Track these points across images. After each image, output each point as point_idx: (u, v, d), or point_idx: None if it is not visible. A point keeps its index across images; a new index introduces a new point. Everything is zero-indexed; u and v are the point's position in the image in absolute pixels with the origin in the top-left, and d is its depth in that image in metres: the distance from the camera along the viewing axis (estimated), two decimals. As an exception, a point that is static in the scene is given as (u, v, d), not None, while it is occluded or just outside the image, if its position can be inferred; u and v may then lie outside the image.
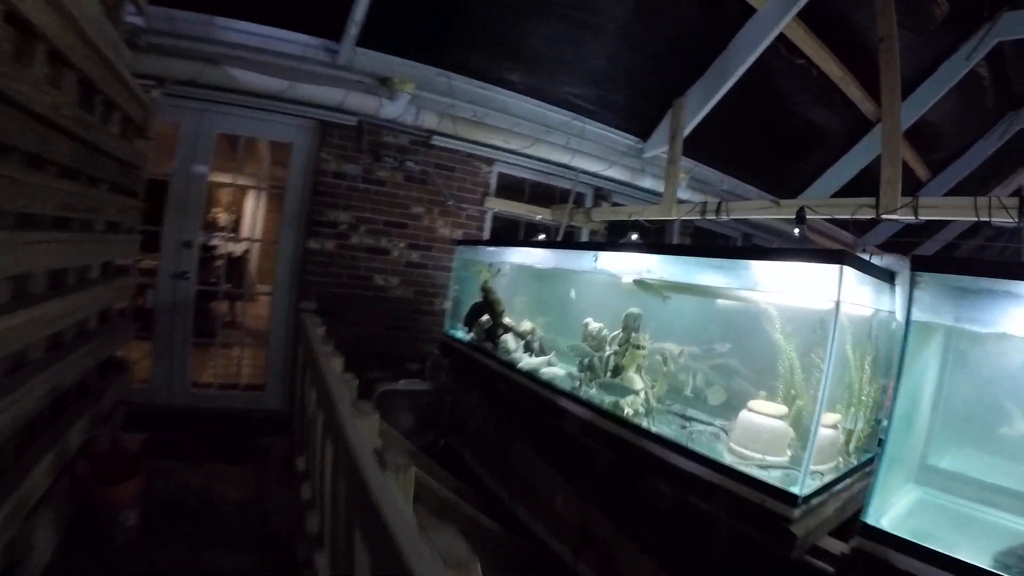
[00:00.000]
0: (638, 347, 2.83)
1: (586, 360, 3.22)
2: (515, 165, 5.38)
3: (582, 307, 3.67)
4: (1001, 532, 1.79)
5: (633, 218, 5.28)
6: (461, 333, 4.31)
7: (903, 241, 6.77)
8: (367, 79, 4.12)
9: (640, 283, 2.79)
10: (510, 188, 5.44)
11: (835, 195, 5.73)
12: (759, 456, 2.22)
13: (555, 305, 4.17)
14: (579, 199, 5.67)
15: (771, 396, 2.45)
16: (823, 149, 5.86)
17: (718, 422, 2.45)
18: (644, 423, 2.47)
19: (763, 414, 2.29)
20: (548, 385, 3.10)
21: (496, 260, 4.48)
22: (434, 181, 4.80)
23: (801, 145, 5.79)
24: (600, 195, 6.11)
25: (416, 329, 4.82)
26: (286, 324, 4.36)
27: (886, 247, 6.98)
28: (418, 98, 4.14)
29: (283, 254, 4.37)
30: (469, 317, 4.41)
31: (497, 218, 5.41)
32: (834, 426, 2.27)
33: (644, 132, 5.16)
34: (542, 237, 5.58)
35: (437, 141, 4.73)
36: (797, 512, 1.89)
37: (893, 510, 1.88)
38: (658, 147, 5.09)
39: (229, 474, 3.12)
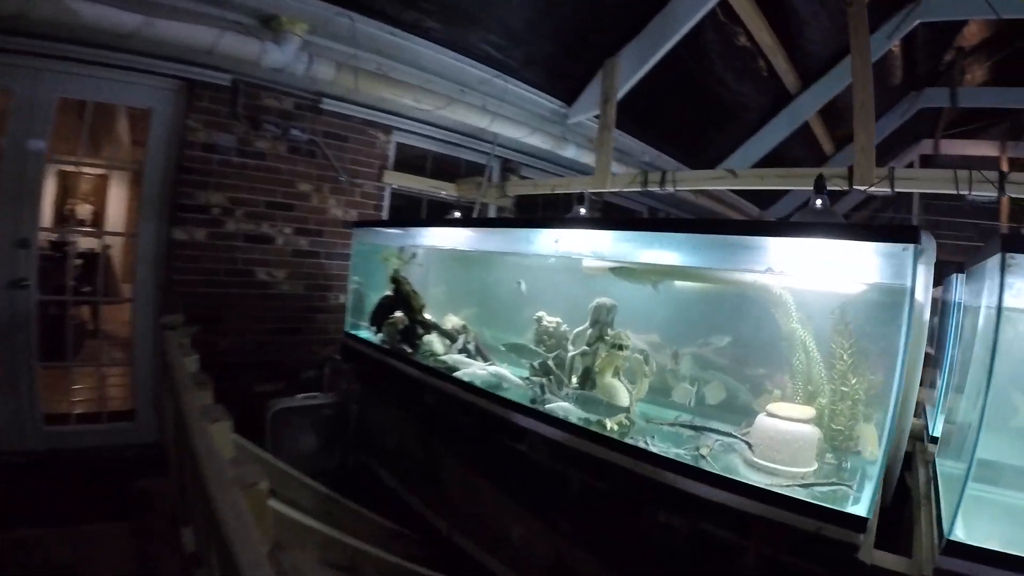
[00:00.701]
0: (618, 346, 2.48)
1: (539, 363, 2.81)
2: (417, 135, 5.15)
3: (525, 297, 3.25)
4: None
5: (558, 190, 4.98)
6: (367, 333, 3.92)
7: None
8: (247, 18, 3.38)
9: (622, 270, 2.43)
10: (409, 162, 5.17)
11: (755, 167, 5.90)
12: (790, 469, 1.98)
13: (488, 296, 3.74)
14: (483, 173, 5.38)
15: (785, 395, 2.23)
16: (742, 122, 6.00)
17: (736, 430, 2.18)
18: (642, 442, 2.12)
19: (787, 418, 2.05)
20: (499, 399, 2.65)
21: (408, 244, 3.92)
22: (324, 153, 4.42)
23: (723, 116, 5.86)
24: (508, 168, 5.78)
25: (311, 331, 4.44)
26: (152, 335, 3.88)
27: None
28: (311, 44, 3.47)
29: (144, 249, 3.86)
30: (377, 314, 3.85)
31: (396, 196, 5.12)
32: (810, 420, 2.07)
33: (570, 96, 4.86)
34: (456, 215, 5.11)
35: (328, 105, 4.36)
36: (863, 537, 1.65)
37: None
38: (584, 112, 4.82)
39: (103, 537, 2.63)
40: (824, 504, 1.72)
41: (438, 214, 5.58)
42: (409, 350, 3.42)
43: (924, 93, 6.25)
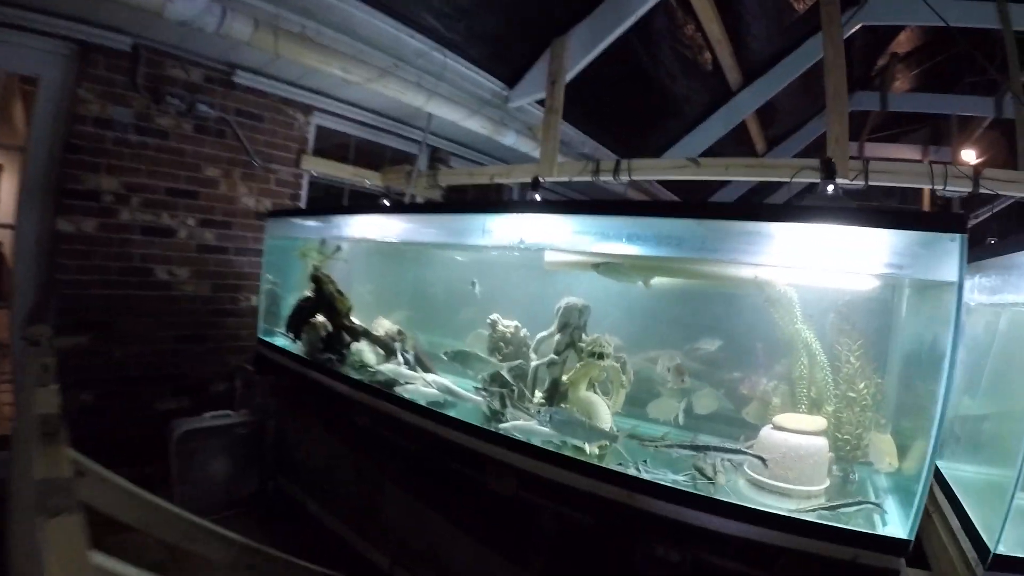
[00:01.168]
0: (598, 354, 2.22)
1: (492, 376, 2.51)
2: (340, 117, 4.81)
3: (474, 298, 2.95)
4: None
5: (498, 179, 4.72)
6: (284, 340, 3.55)
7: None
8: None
9: (608, 266, 2.19)
10: (331, 149, 4.88)
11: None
12: (804, 488, 1.81)
13: (425, 296, 3.41)
14: (412, 161, 5.05)
15: (787, 404, 2.08)
16: (683, 116, 6.01)
17: (745, 445, 1.98)
18: (633, 468, 1.87)
19: (798, 431, 1.89)
20: (453, 421, 2.33)
21: (331, 236, 3.52)
22: (236, 133, 4.05)
23: (665, 109, 5.84)
24: (437, 158, 5.48)
25: (219, 338, 4.08)
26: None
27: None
28: (226, -5, 3.03)
29: (25, 242, 3.41)
30: (295, 319, 3.46)
31: (315, 186, 4.79)
32: (822, 432, 1.93)
33: (512, 77, 4.61)
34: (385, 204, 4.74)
35: (243, 79, 4.00)
36: (903, 562, 1.52)
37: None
38: (527, 95, 4.60)
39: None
40: (862, 530, 1.57)
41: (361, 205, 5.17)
42: (335, 361, 3.12)
43: (855, 96, 6.58)
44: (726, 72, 5.35)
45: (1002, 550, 1.47)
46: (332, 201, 5.09)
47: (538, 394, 2.47)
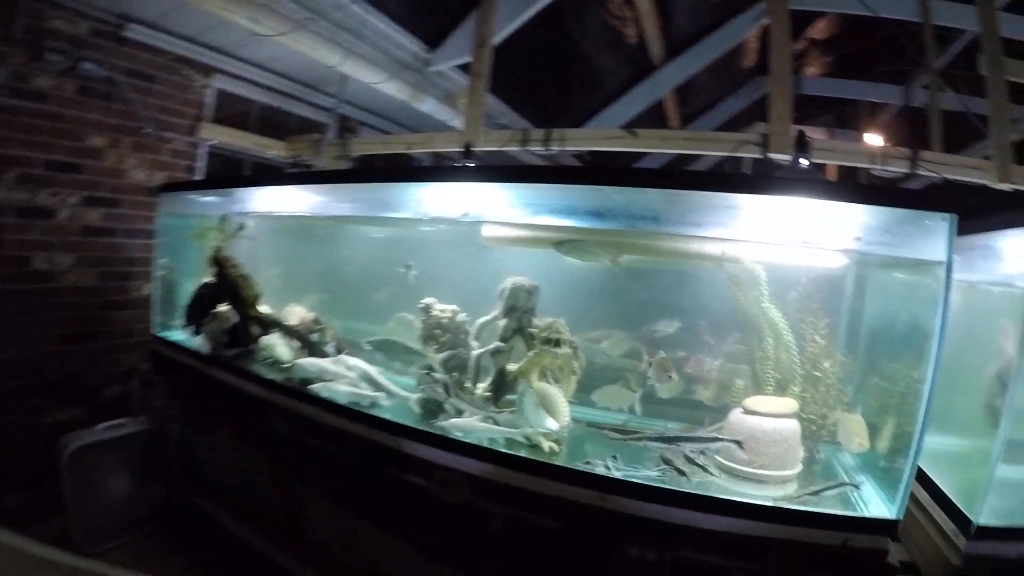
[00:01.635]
0: (553, 341, 2.03)
1: (425, 368, 2.27)
2: (242, 80, 4.32)
3: (394, 277, 2.68)
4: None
5: (415, 149, 4.47)
6: (182, 335, 3.17)
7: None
8: None
9: (570, 244, 1.99)
10: (231, 117, 4.42)
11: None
12: (778, 474, 1.74)
13: (343, 278, 3.10)
14: (319, 130, 4.82)
15: (754, 387, 2.01)
16: (604, 89, 5.92)
17: (704, 432, 1.88)
18: (601, 466, 1.71)
19: (770, 414, 1.81)
20: (385, 424, 2.08)
21: (234, 213, 3.16)
22: (125, 96, 3.58)
23: (587, 82, 5.74)
24: (346, 128, 5.12)
25: (110, 334, 3.66)
26: None
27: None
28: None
29: None
30: (194, 309, 3.13)
31: (213, 157, 4.33)
32: (794, 414, 1.89)
33: (435, 37, 4.31)
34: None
35: (134, 33, 3.53)
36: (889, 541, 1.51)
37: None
38: (451, 59, 4.35)
39: None
40: (851, 514, 1.55)
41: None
42: (241, 356, 2.81)
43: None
44: (650, 45, 5.30)
45: (984, 522, 1.49)
46: (232, 173, 4.58)
47: (479, 386, 2.27)
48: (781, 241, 1.81)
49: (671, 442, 1.79)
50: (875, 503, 1.62)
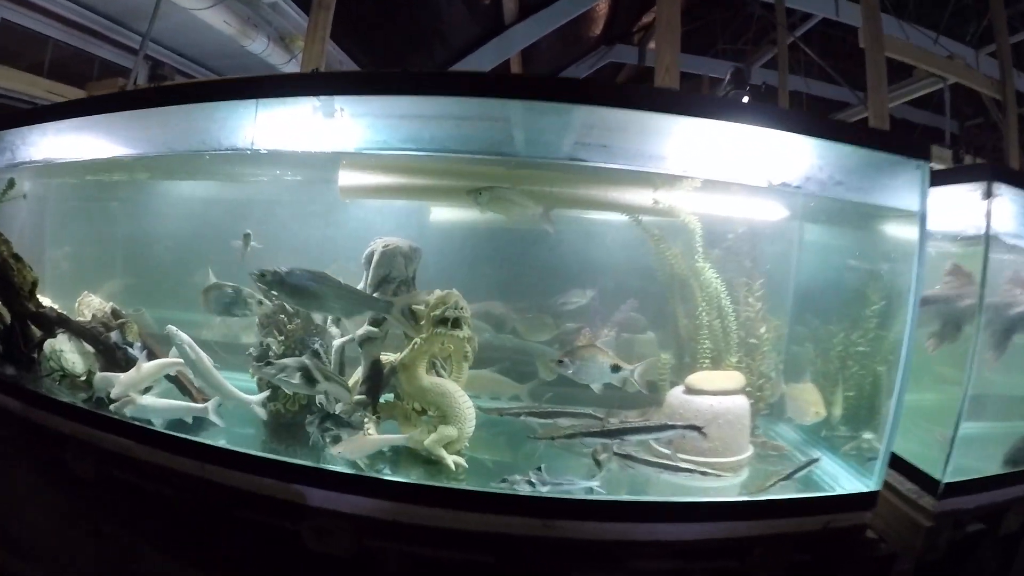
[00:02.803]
0: (452, 321, 1.55)
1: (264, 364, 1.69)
2: (29, 7, 3.52)
3: (220, 247, 2.05)
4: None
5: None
6: None
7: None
8: None
9: (488, 193, 1.51)
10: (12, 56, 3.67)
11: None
12: (731, 460, 1.48)
13: (158, 256, 2.43)
14: (125, 76, 3.97)
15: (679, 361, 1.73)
16: (450, 46, 5.54)
17: (640, 420, 1.56)
18: (524, 483, 1.31)
19: (718, 391, 1.53)
20: (246, 459, 1.50)
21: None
22: None
23: (435, 35, 5.33)
24: (159, 75, 4.18)
25: None
26: None
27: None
28: None
29: None
30: None
31: None
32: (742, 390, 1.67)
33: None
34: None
35: None
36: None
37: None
38: (287, -12, 3.64)
39: None
40: (832, 493, 1.44)
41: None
42: (20, 372, 2.10)
43: (615, 48, 6.85)
44: (504, 1, 4.96)
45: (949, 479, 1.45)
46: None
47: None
48: (721, 183, 1.51)
49: (613, 437, 1.43)
50: (843, 477, 1.51)
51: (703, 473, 1.37)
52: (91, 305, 2.25)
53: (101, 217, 2.60)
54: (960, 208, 1.45)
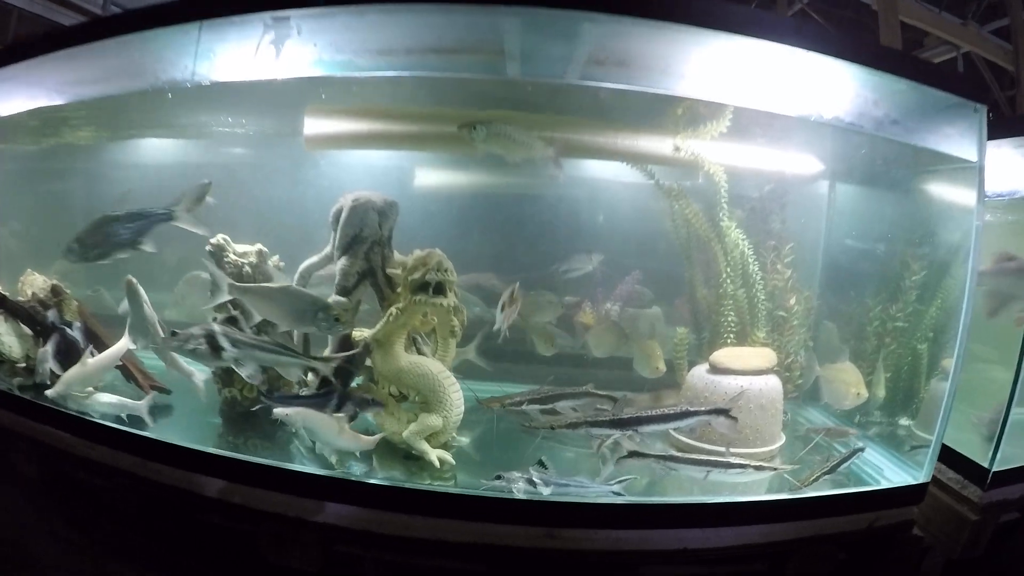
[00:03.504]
0: (435, 287, 1.30)
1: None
2: None
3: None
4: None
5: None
6: None
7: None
8: None
9: (485, 129, 1.24)
10: None
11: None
12: (763, 450, 1.26)
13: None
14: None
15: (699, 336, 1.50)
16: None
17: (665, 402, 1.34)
18: (521, 482, 1.07)
19: (747, 371, 1.30)
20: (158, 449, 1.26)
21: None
22: None
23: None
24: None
25: None
26: None
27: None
28: None
29: None
30: None
31: None
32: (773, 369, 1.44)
33: None
34: None
35: None
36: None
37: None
38: None
39: None
40: (878, 487, 1.25)
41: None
42: None
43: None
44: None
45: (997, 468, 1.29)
46: None
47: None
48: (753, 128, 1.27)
49: (626, 427, 1.20)
50: (888, 468, 1.34)
51: (757, 468, 1.15)
52: (34, 284, 1.99)
53: (49, 187, 2.32)
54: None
